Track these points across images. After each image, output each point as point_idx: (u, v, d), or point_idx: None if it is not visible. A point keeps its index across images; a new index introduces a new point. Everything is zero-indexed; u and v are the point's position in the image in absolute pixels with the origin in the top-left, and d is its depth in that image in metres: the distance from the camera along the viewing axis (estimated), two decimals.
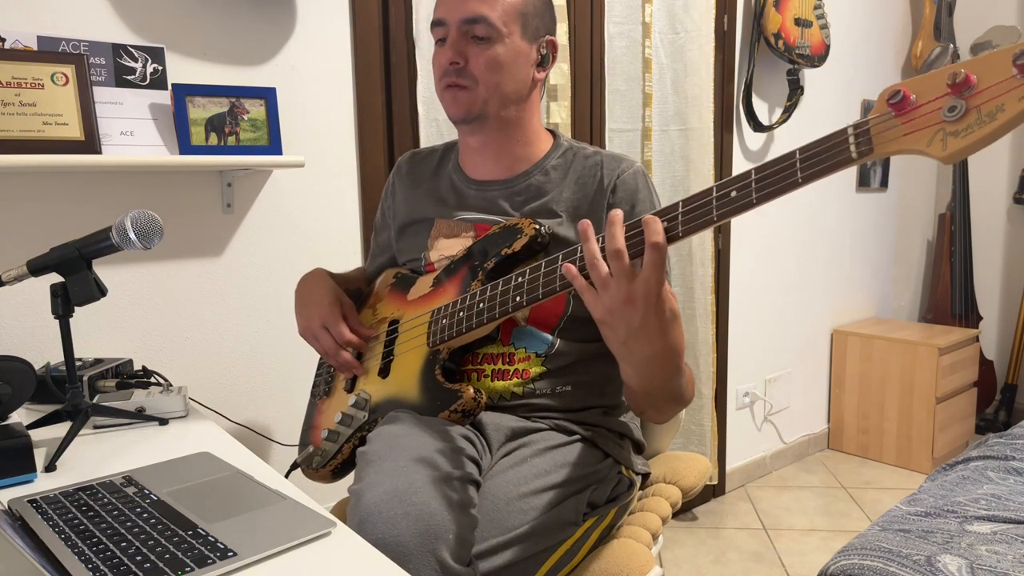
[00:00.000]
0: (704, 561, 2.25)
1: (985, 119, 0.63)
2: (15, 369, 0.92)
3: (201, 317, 1.54)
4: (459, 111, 1.07)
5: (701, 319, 2.39)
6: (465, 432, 0.98)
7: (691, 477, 1.22)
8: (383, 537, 0.78)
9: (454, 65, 1.04)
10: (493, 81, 1.04)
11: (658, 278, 0.80)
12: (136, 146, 1.36)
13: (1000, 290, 3.46)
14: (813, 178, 0.72)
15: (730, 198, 0.77)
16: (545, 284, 0.91)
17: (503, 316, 0.96)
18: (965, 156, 0.65)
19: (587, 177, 1.09)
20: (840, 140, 0.70)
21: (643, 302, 0.80)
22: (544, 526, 0.92)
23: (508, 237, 1.03)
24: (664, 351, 0.86)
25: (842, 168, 0.71)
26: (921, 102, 0.66)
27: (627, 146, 2.23)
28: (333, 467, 1.12)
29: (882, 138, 0.68)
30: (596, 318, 0.84)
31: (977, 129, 0.63)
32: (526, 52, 1.07)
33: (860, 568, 1.08)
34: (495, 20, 1.02)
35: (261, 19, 1.55)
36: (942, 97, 0.65)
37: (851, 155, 0.70)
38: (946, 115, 0.64)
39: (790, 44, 2.54)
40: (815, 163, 0.72)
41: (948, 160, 0.65)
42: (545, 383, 1.05)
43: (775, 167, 0.74)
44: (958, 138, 0.64)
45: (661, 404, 0.96)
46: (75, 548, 0.67)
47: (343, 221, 1.71)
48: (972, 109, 0.63)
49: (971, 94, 0.64)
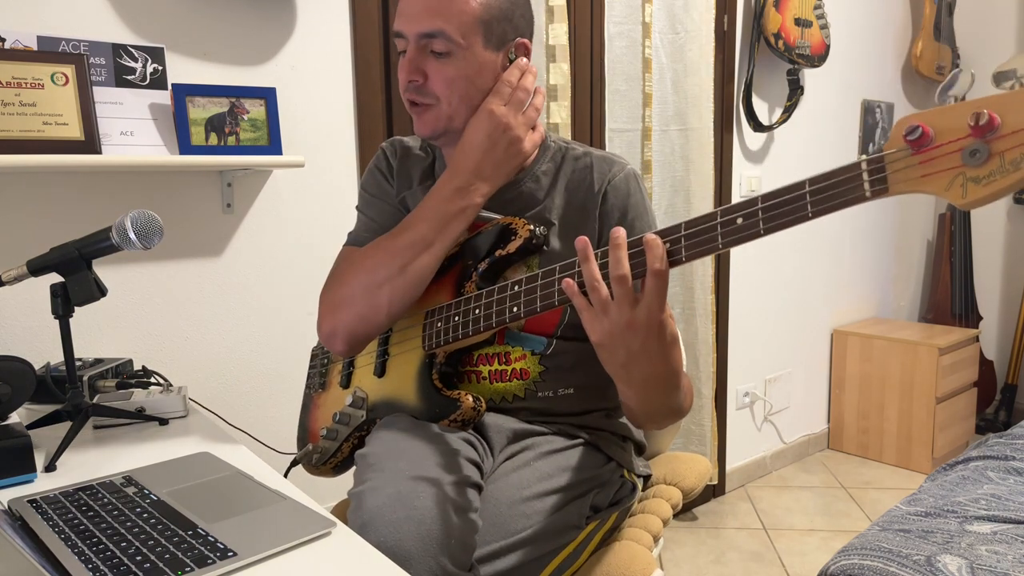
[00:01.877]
0: (704, 561, 2.25)
1: (1008, 167, 0.59)
2: (15, 369, 0.92)
3: (201, 317, 1.53)
4: (424, 129, 1.03)
5: (701, 319, 2.39)
6: (467, 435, 0.98)
7: (692, 478, 1.22)
8: (385, 541, 0.78)
9: (413, 83, 0.99)
10: (455, 97, 0.99)
11: (660, 303, 0.78)
12: (136, 146, 1.36)
13: (1000, 290, 3.46)
14: (823, 213, 0.69)
15: (736, 226, 0.74)
16: (543, 298, 0.90)
17: (499, 326, 0.96)
18: (985, 204, 0.61)
19: (577, 181, 1.06)
20: (854, 175, 0.67)
21: (645, 328, 0.79)
22: (547, 530, 0.91)
23: (502, 238, 1.02)
24: (664, 374, 0.85)
25: (853, 205, 0.67)
26: (940, 141, 0.63)
27: (627, 146, 2.23)
28: (333, 464, 1.12)
29: (897, 177, 0.65)
30: (594, 341, 0.83)
31: (1000, 178, 0.59)
32: (491, 61, 1.01)
33: (860, 568, 1.08)
34: (453, 33, 0.96)
35: (261, 19, 1.55)
36: (963, 139, 0.61)
37: (864, 193, 0.66)
38: (967, 159, 0.61)
39: (790, 44, 2.54)
40: (826, 198, 0.68)
41: (967, 207, 0.62)
42: (546, 385, 1.05)
43: (784, 197, 0.71)
44: (979, 185, 0.60)
45: (659, 418, 0.96)
46: (75, 548, 0.67)
47: (343, 221, 1.71)
48: (995, 155, 0.60)
49: (994, 137, 0.60)
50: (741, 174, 2.62)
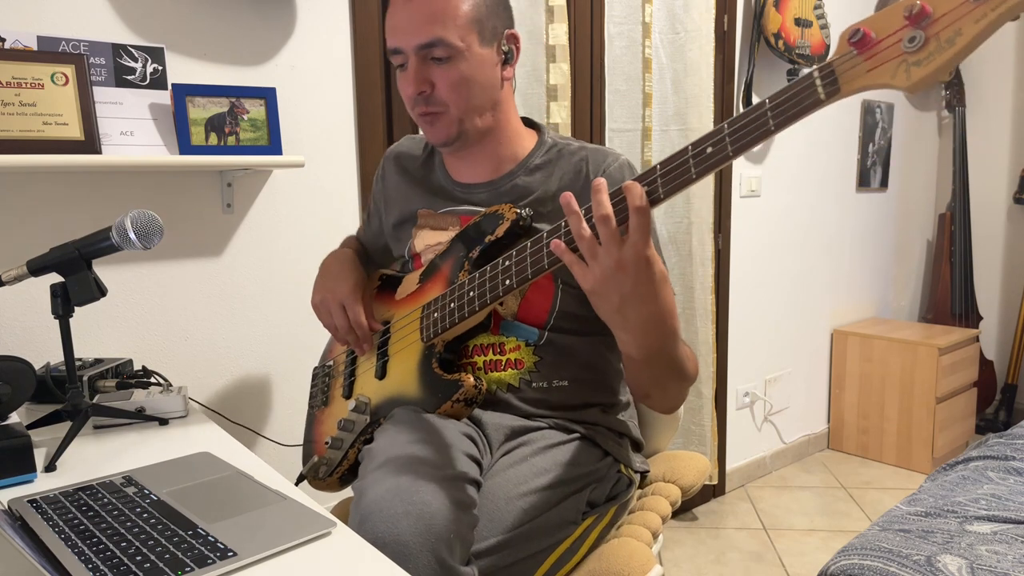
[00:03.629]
0: (704, 561, 2.25)
1: (944, 45, 0.65)
2: (15, 369, 0.92)
3: (201, 317, 1.54)
4: (438, 137, 1.05)
5: (701, 319, 2.39)
6: (468, 431, 0.98)
7: (690, 476, 1.22)
8: (383, 535, 0.78)
9: (422, 93, 1.01)
10: (463, 99, 1.01)
11: (645, 241, 0.80)
12: (136, 146, 1.36)
13: (1000, 290, 3.46)
14: (785, 124, 0.73)
15: (706, 154, 0.77)
16: (533, 263, 0.91)
17: (495, 301, 0.96)
18: (930, 84, 0.66)
19: (572, 174, 1.08)
20: (807, 84, 0.72)
21: (633, 266, 0.80)
22: (543, 525, 0.92)
23: (490, 224, 1.03)
24: (658, 313, 0.85)
25: (812, 111, 0.72)
26: (881, 37, 0.68)
27: (627, 146, 2.23)
28: (340, 474, 1.12)
29: (847, 76, 0.70)
30: (587, 289, 0.84)
31: (938, 56, 0.65)
32: (489, 57, 1.03)
33: (860, 568, 1.08)
34: (452, 39, 0.98)
35: (261, 19, 1.55)
36: (901, 30, 0.67)
37: (819, 96, 0.71)
38: (907, 46, 0.66)
39: (790, 44, 2.54)
40: (785, 108, 0.73)
41: (913, 89, 0.67)
42: (541, 375, 1.05)
43: (747, 118, 0.75)
44: (920, 67, 0.66)
45: (664, 378, 0.94)
46: (75, 548, 0.67)
47: (343, 221, 1.71)
48: (931, 37, 0.65)
49: (928, 23, 0.65)
50: (741, 174, 2.62)
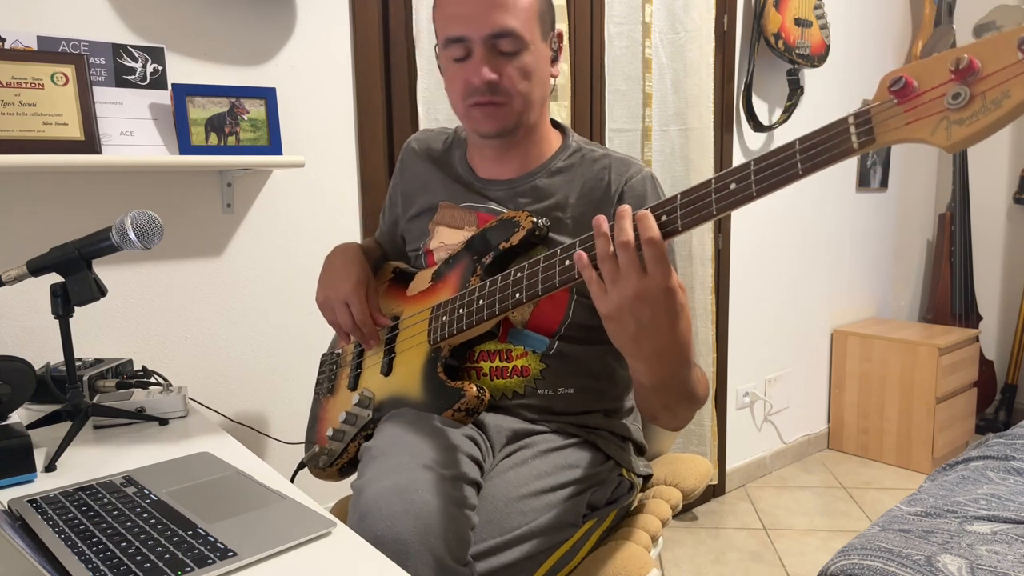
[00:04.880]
0: (704, 561, 2.25)
1: (990, 106, 0.60)
2: (15, 369, 0.92)
3: (201, 317, 1.53)
4: (494, 127, 1.02)
5: (701, 319, 2.40)
6: (470, 433, 0.98)
7: (692, 479, 1.22)
8: (382, 534, 0.78)
9: (489, 83, 0.98)
10: (526, 92, 1.01)
11: (664, 272, 0.78)
12: (136, 146, 1.36)
13: (1000, 290, 3.46)
14: (813, 170, 0.70)
15: (729, 191, 0.75)
16: (544, 280, 0.90)
17: (503, 312, 0.96)
18: (970, 145, 0.62)
19: (594, 182, 1.07)
20: (841, 130, 0.68)
21: (653, 299, 0.79)
22: (543, 527, 0.92)
23: (506, 231, 1.03)
24: (674, 344, 0.83)
25: (843, 159, 0.68)
26: (923, 89, 0.64)
27: (627, 146, 2.23)
28: (340, 466, 1.12)
29: (884, 127, 0.66)
30: (603, 313, 0.82)
31: (982, 117, 0.61)
32: (546, 52, 1.03)
33: (860, 568, 1.08)
34: (521, 30, 0.97)
35: (261, 19, 1.55)
36: (946, 84, 0.62)
37: (852, 145, 0.68)
38: (950, 103, 0.62)
39: (790, 44, 2.53)
40: (815, 154, 0.70)
41: (952, 149, 0.63)
42: (546, 383, 1.05)
43: (774, 158, 0.72)
44: (963, 126, 0.62)
45: (674, 403, 0.92)
46: (75, 548, 0.67)
47: (343, 221, 1.71)
48: (977, 96, 0.61)
49: (975, 80, 0.61)
50: None
